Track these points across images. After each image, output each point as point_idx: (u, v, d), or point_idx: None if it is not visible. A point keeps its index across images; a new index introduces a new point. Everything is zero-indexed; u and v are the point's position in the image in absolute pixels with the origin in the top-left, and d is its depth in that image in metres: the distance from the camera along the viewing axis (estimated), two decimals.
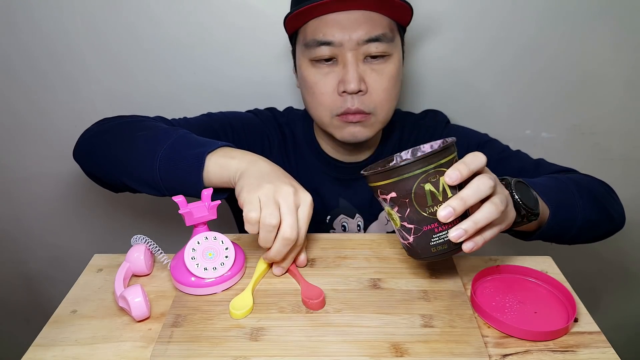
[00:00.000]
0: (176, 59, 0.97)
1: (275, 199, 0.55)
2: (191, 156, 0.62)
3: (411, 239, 0.53)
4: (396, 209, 0.52)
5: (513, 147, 0.85)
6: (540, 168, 0.79)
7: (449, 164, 0.50)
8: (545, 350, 0.50)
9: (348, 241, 0.68)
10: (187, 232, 0.62)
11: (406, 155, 0.60)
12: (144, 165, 0.64)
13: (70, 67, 0.98)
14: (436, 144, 0.58)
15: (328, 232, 0.86)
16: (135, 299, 0.53)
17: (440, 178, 0.49)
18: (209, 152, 0.62)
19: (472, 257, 0.66)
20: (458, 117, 0.95)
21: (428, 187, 0.49)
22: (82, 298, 0.59)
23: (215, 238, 0.60)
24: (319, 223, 0.85)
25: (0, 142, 1.05)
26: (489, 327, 0.53)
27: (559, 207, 0.65)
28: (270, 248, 0.56)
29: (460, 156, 0.51)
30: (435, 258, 0.53)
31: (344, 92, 0.71)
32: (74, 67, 0.98)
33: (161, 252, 0.63)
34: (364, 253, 0.65)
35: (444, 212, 0.48)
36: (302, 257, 0.61)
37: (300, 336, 0.51)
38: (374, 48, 0.70)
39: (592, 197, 0.69)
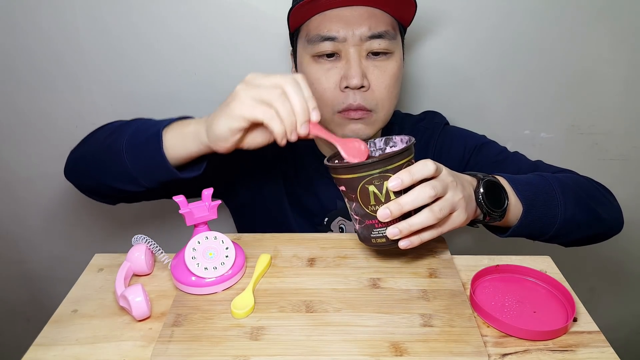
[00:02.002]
0: (177, 59, 0.97)
1: (258, 85, 0.56)
2: (149, 137, 0.63)
3: (357, 227, 0.58)
4: (346, 200, 0.57)
5: (512, 147, 0.85)
6: (538, 170, 0.78)
7: (397, 169, 0.53)
8: (544, 349, 0.50)
9: (348, 241, 0.68)
10: (187, 232, 0.62)
11: (380, 143, 0.64)
12: (116, 161, 0.65)
13: (72, 67, 0.98)
14: (405, 139, 0.60)
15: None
16: (136, 298, 0.53)
17: (385, 182, 0.53)
18: (164, 128, 0.63)
19: (471, 256, 0.66)
20: (457, 117, 0.95)
21: (372, 188, 0.53)
22: (82, 297, 0.59)
23: (215, 238, 0.60)
24: (317, 225, 0.85)
25: (1, 141, 1.05)
26: (488, 327, 0.54)
27: (534, 205, 0.64)
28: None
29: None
30: (377, 247, 0.58)
31: (346, 87, 0.71)
32: (75, 67, 0.98)
33: (162, 252, 0.63)
34: (364, 252, 0.66)
35: (382, 213, 0.53)
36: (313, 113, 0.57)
37: (300, 335, 0.51)
38: (377, 45, 0.70)
39: (577, 197, 0.68)
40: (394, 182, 0.52)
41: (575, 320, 0.55)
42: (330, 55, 0.71)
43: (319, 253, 0.66)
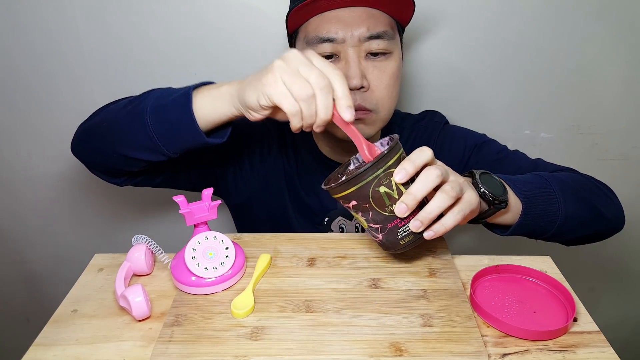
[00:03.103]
0: (177, 59, 0.97)
1: (294, 71, 0.54)
2: (177, 98, 0.62)
3: (380, 236, 0.56)
4: (360, 213, 0.55)
5: (512, 147, 0.85)
6: (539, 168, 0.79)
7: (396, 163, 0.53)
8: (544, 349, 0.50)
9: (348, 241, 0.68)
10: (187, 232, 0.62)
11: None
12: (136, 126, 0.64)
13: (72, 66, 0.98)
14: (385, 141, 0.60)
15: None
16: (136, 298, 0.53)
17: (391, 179, 0.53)
18: (194, 89, 0.63)
19: (471, 256, 0.66)
20: (457, 117, 0.95)
21: (382, 189, 0.53)
22: (82, 297, 0.59)
23: (215, 238, 0.60)
24: (317, 224, 0.85)
25: (1, 141, 1.05)
26: (488, 327, 0.54)
27: (534, 202, 0.65)
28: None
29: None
30: (407, 248, 0.57)
31: None
32: (75, 66, 0.98)
33: (162, 252, 0.63)
34: (364, 253, 0.66)
35: (399, 209, 0.53)
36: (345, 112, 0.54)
37: (300, 335, 0.51)
38: (376, 45, 0.70)
39: (578, 195, 0.69)
40: (400, 173, 0.52)
41: (575, 320, 0.55)
42: (329, 56, 0.71)
43: (319, 253, 0.66)
